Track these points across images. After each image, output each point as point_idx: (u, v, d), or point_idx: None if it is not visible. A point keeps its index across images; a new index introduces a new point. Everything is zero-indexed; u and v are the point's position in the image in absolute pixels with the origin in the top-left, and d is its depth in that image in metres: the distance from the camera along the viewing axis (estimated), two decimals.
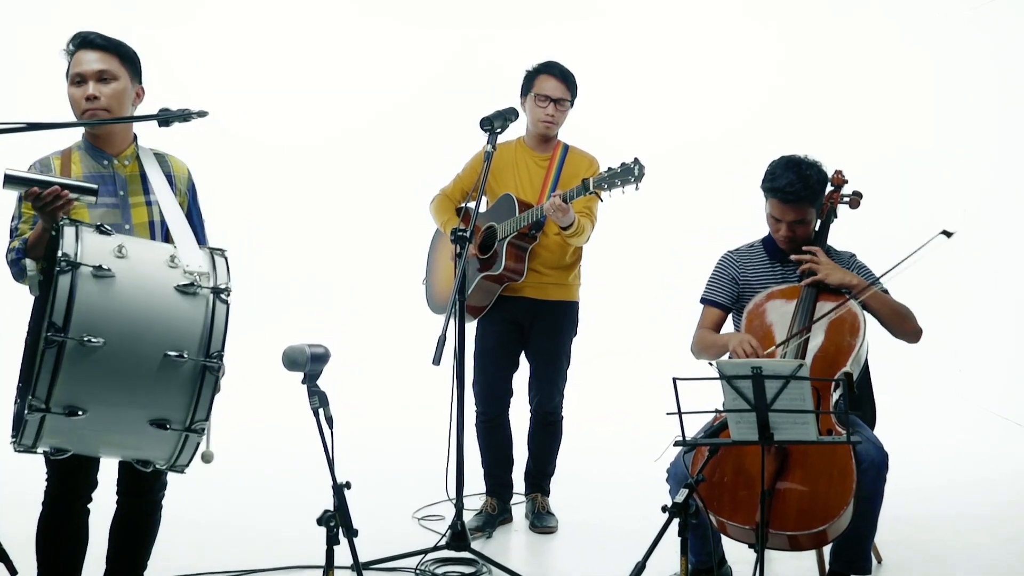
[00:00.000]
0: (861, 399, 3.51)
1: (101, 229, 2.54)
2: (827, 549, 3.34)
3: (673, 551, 2.89)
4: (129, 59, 2.89)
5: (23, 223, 2.80)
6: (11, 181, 2.59)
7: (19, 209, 2.82)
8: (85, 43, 2.85)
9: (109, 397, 2.46)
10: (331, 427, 2.81)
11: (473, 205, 3.88)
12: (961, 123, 6.96)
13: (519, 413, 4.37)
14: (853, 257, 3.60)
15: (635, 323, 6.95)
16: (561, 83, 4.12)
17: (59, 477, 2.84)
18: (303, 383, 2.81)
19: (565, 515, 4.35)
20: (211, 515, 4.29)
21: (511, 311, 4.20)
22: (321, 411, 2.81)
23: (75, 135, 2.94)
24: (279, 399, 4.19)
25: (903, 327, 3.45)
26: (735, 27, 7.30)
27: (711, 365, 2.89)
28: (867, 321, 3.38)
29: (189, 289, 2.53)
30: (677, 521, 2.88)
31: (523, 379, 4.35)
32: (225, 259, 2.67)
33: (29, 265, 2.71)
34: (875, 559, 3.71)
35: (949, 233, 3.16)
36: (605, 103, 6.21)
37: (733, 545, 3.26)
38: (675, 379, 2.81)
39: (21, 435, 2.45)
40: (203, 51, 6.99)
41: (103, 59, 2.83)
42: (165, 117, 2.73)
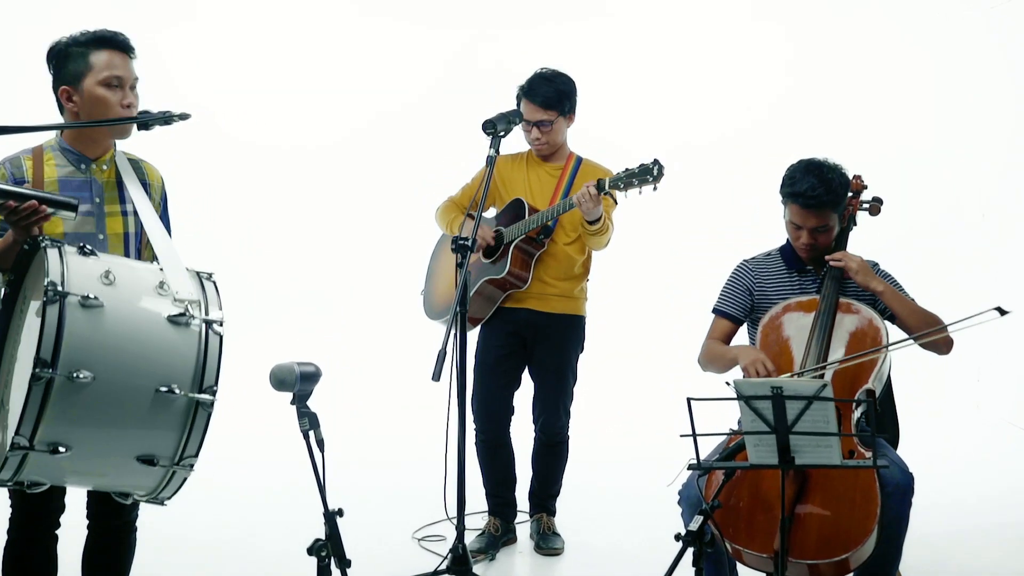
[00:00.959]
0: (883, 417, 3.33)
1: (83, 250, 2.38)
2: None
3: None
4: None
5: None
6: None
7: None
8: (123, 47, 2.74)
9: (97, 434, 2.32)
10: (322, 450, 2.64)
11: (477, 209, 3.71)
12: (975, 124, 6.78)
13: (522, 432, 4.21)
14: (876, 265, 3.42)
15: (643, 337, 6.76)
16: (537, 107, 3.92)
17: (24, 504, 2.68)
18: (292, 404, 2.65)
19: (572, 536, 4.19)
20: (197, 540, 4.12)
21: (513, 323, 4.05)
22: (312, 433, 2.64)
23: (46, 132, 2.75)
24: (269, 416, 4.01)
25: (934, 338, 3.27)
26: (743, 27, 7.12)
27: (728, 385, 2.72)
28: (890, 333, 3.21)
29: (180, 319, 2.39)
30: (691, 550, 2.71)
31: (526, 397, 4.18)
32: (214, 284, 2.54)
33: None
34: None
35: (1004, 311, 2.97)
36: (610, 104, 6.06)
37: (750, 574, 3.08)
38: (689, 399, 2.65)
39: None
40: (200, 51, 6.82)
41: (131, 65, 2.74)
42: (146, 120, 2.57)
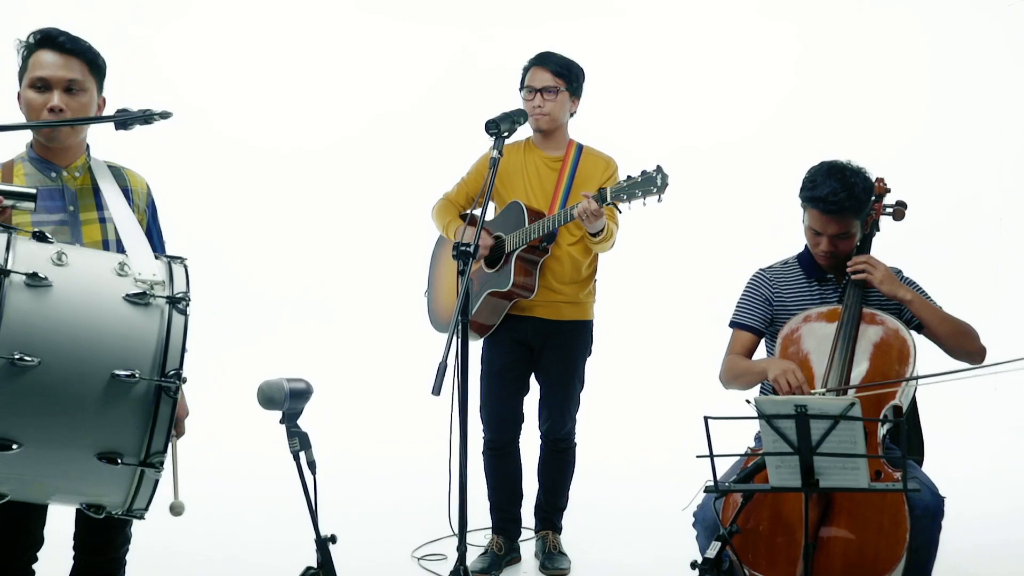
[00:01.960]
0: (909, 433, 3.15)
1: (39, 236, 2.20)
2: None
3: None
4: (97, 67, 2.59)
5: None
6: None
7: None
8: (52, 43, 2.52)
9: (47, 427, 2.11)
10: (314, 472, 2.49)
11: (479, 212, 3.54)
12: (991, 126, 6.63)
13: (530, 444, 4.06)
14: (899, 272, 3.24)
15: (653, 341, 6.59)
16: (546, 71, 3.81)
17: None
18: (282, 423, 2.49)
19: (579, 555, 4.02)
20: (184, 567, 3.93)
21: (520, 331, 3.89)
22: (303, 455, 2.48)
23: (18, 144, 2.61)
24: (260, 432, 3.83)
25: (967, 346, 3.10)
26: (751, 26, 6.96)
27: (749, 403, 2.55)
28: (917, 346, 3.03)
29: (141, 299, 2.18)
30: None
31: (532, 403, 4.04)
32: (184, 267, 2.33)
33: None
34: None
35: None
36: (616, 105, 5.92)
37: None
38: (707, 418, 2.49)
39: None
40: (196, 50, 6.68)
41: (71, 66, 2.52)
42: (124, 119, 2.40)
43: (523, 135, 3.90)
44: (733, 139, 6.82)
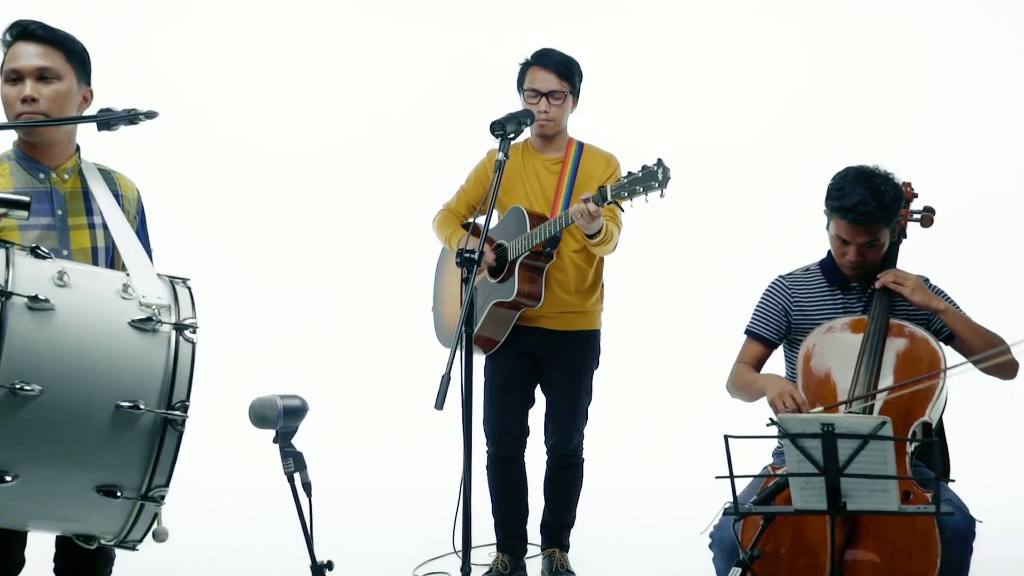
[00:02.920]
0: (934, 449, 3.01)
1: (37, 252, 2.09)
2: None
3: None
4: (76, 56, 2.48)
5: None
6: None
7: None
8: (24, 34, 2.44)
9: (47, 458, 2.01)
10: (309, 494, 2.36)
11: (482, 220, 3.40)
12: (1006, 128, 6.46)
13: (534, 453, 3.94)
14: (927, 281, 3.10)
15: (662, 350, 6.42)
16: (552, 74, 3.66)
17: None
18: (275, 442, 2.35)
19: (587, 573, 3.90)
20: None
21: (525, 343, 3.76)
22: (297, 476, 2.34)
23: (5, 143, 2.48)
24: (256, 443, 3.68)
25: (998, 359, 2.95)
26: (757, 26, 6.80)
27: (771, 422, 2.40)
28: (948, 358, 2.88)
29: (147, 325, 2.08)
30: None
31: (538, 415, 3.91)
32: (188, 289, 2.23)
33: None
34: None
35: None
36: (621, 105, 5.79)
37: None
38: (727, 437, 2.36)
39: None
40: (194, 51, 6.54)
41: (45, 54, 2.43)
42: (107, 119, 2.28)
43: (521, 136, 3.78)
44: (739, 141, 6.63)
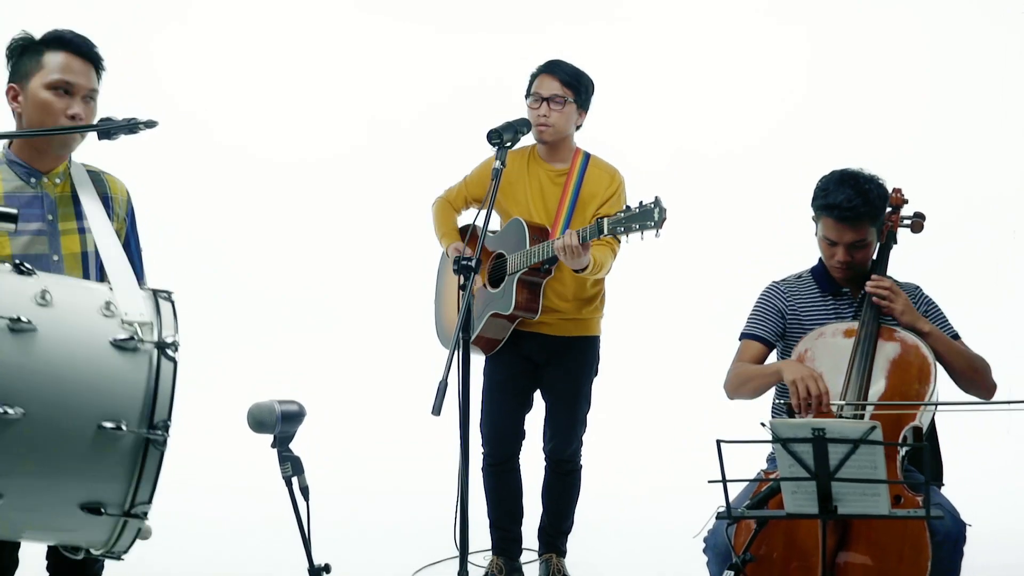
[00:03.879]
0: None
1: (21, 268, 2.09)
2: None
3: None
4: (101, 73, 2.53)
5: None
6: None
7: None
8: (78, 50, 2.47)
9: (31, 478, 2.03)
10: (307, 499, 2.38)
11: (480, 223, 3.41)
12: (1007, 136, 6.47)
13: (533, 463, 3.93)
14: (918, 290, 3.15)
15: (663, 358, 6.43)
16: (555, 80, 3.68)
17: None
18: (273, 447, 2.38)
19: None
20: None
21: (524, 348, 3.78)
22: (295, 480, 2.37)
23: None
24: (253, 446, 3.71)
25: (978, 382, 3.01)
26: (760, 30, 6.81)
27: (763, 426, 2.43)
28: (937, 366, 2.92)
29: (128, 344, 2.08)
30: None
31: (536, 420, 3.92)
32: (172, 303, 2.22)
33: None
34: None
35: None
36: (622, 112, 5.78)
37: None
38: (719, 442, 2.39)
39: None
40: (193, 56, 6.56)
41: (91, 75, 2.48)
42: (107, 128, 2.30)
43: (527, 141, 3.79)
44: (742, 147, 6.65)
